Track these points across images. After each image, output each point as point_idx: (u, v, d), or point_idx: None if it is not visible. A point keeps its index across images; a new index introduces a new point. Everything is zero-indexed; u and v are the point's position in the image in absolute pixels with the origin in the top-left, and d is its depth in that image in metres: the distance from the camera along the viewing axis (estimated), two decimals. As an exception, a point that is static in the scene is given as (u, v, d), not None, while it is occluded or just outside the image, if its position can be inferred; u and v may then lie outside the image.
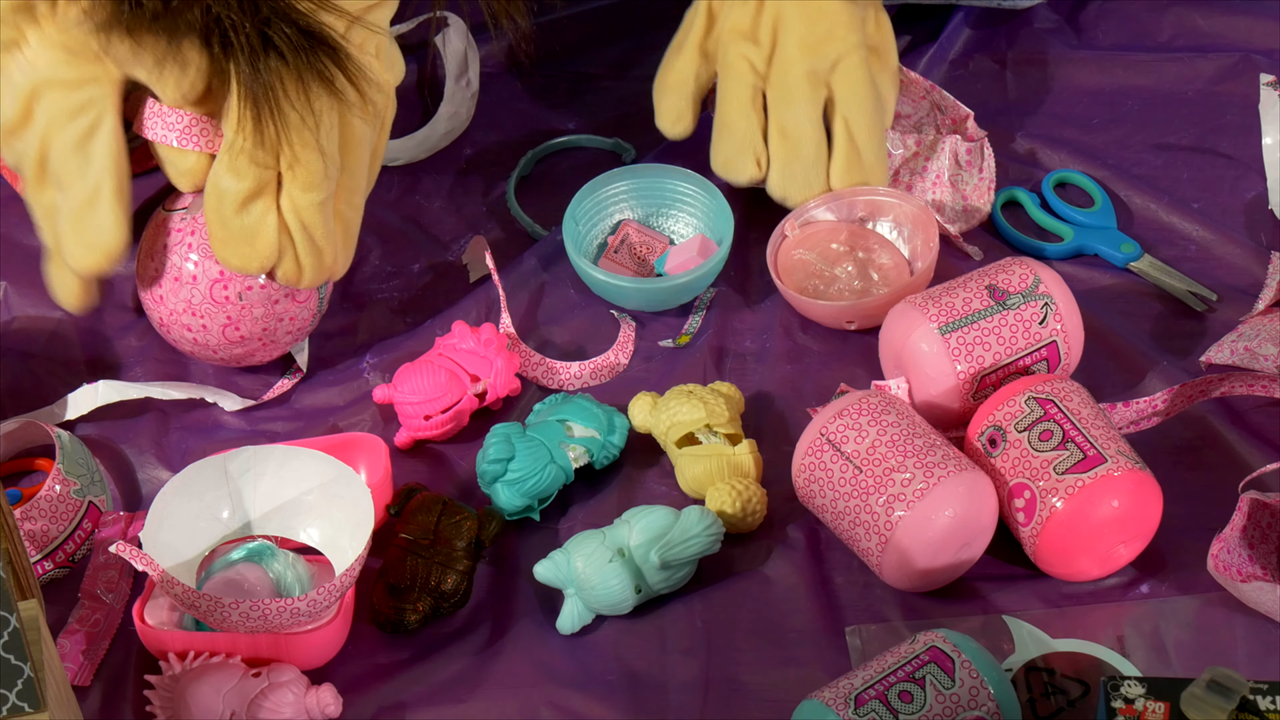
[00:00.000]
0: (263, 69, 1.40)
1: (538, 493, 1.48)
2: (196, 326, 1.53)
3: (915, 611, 1.42)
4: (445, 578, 1.42)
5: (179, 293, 1.52)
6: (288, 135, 1.43)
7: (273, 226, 1.47)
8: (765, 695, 1.38)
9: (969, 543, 1.40)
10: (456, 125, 1.79)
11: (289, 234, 1.48)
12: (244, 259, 1.48)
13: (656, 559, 1.40)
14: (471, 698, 1.39)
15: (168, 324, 1.55)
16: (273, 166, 1.45)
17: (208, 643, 1.38)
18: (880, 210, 1.65)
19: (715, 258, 1.61)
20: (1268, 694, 1.24)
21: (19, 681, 1.14)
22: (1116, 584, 1.42)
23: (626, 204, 1.68)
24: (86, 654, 1.42)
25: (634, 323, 1.63)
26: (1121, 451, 1.40)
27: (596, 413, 1.51)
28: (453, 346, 1.56)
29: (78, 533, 1.48)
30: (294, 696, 1.36)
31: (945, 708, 1.27)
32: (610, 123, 1.81)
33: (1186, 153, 1.73)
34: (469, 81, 1.79)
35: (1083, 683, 1.36)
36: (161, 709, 1.37)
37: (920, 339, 1.48)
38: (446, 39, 1.79)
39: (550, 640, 1.42)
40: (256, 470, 1.43)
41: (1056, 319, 1.49)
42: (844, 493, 1.41)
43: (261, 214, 1.47)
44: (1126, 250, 1.64)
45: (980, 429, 1.44)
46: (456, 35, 1.78)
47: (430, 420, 1.53)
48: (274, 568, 1.42)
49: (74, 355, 1.63)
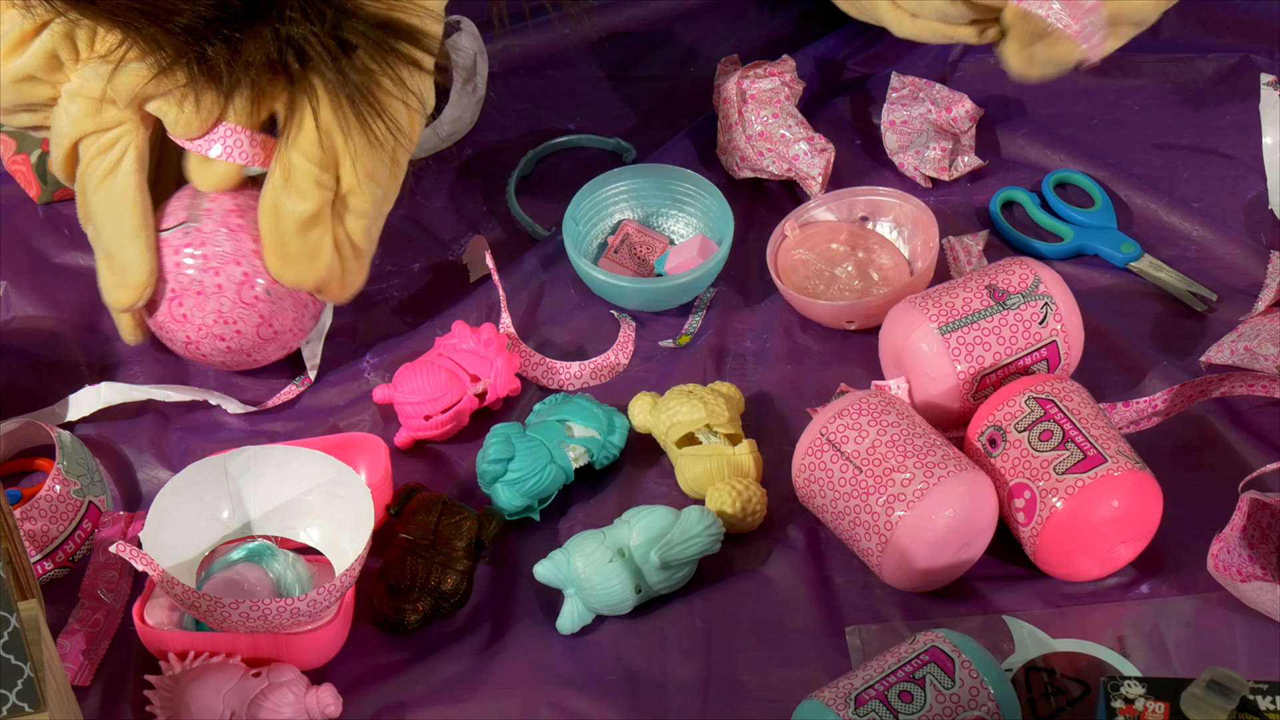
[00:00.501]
0: (349, 69, 1.42)
1: (538, 493, 1.48)
2: (230, 334, 1.53)
3: (915, 611, 1.42)
4: (445, 578, 1.42)
5: (205, 305, 1.52)
6: (384, 135, 1.46)
7: (329, 246, 1.50)
8: (765, 695, 1.38)
9: (969, 543, 1.40)
10: (459, 129, 1.79)
11: (339, 252, 1.51)
12: (301, 276, 1.51)
13: (656, 559, 1.40)
14: (471, 698, 1.39)
15: (197, 340, 1.54)
16: (332, 188, 1.48)
17: (208, 643, 1.38)
18: (880, 210, 1.65)
19: (715, 258, 1.61)
20: (1268, 694, 1.24)
21: (19, 681, 1.14)
22: (1116, 584, 1.42)
23: (626, 204, 1.68)
24: (86, 654, 1.42)
25: (634, 323, 1.63)
26: (1121, 451, 1.40)
27: (596, 413, 1.51)
28: (453, 346, 1.56)
29: (78, 533, 1.48)
30: (294, 696, 1.36)
31: (945, 708, 1.27)
32: (611, 123, 1.81)
33: (1186, 153, 1.73)
34: (475, 86, 1.79)
35: (1083, 683, 1.36)
36: (161, 709, 1.37)
37: (920, 339, 1.48)
38: (457, 42, 1.79)
39: (550, 640, 1.42)
40: (256, 470, 1.43)
41: (1056, 319, 1.49)
42: (844, 493, 1.41)
43: (321, 234, 1.49)
44: (1126, 250, 1.64)
45: (980, 429, 1.44)
46: (468, 38, 1.78)
47: (430, 420, 1.53)
48: (274, 568, 1.42)
49: (74, 355, 1.63)
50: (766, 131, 1.69)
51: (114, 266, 1.52)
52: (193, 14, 1.38)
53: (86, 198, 1.52)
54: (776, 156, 1.68)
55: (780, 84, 1.70)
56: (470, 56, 1.78)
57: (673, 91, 1.83)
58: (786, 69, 1.72)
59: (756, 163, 1.69)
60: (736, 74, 1.72)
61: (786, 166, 1.68)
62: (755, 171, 1.70)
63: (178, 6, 1.38)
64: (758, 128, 1.69)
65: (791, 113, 1.69)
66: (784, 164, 1.68)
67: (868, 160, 1.74)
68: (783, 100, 1.70)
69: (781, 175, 1.69)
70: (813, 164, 1.67)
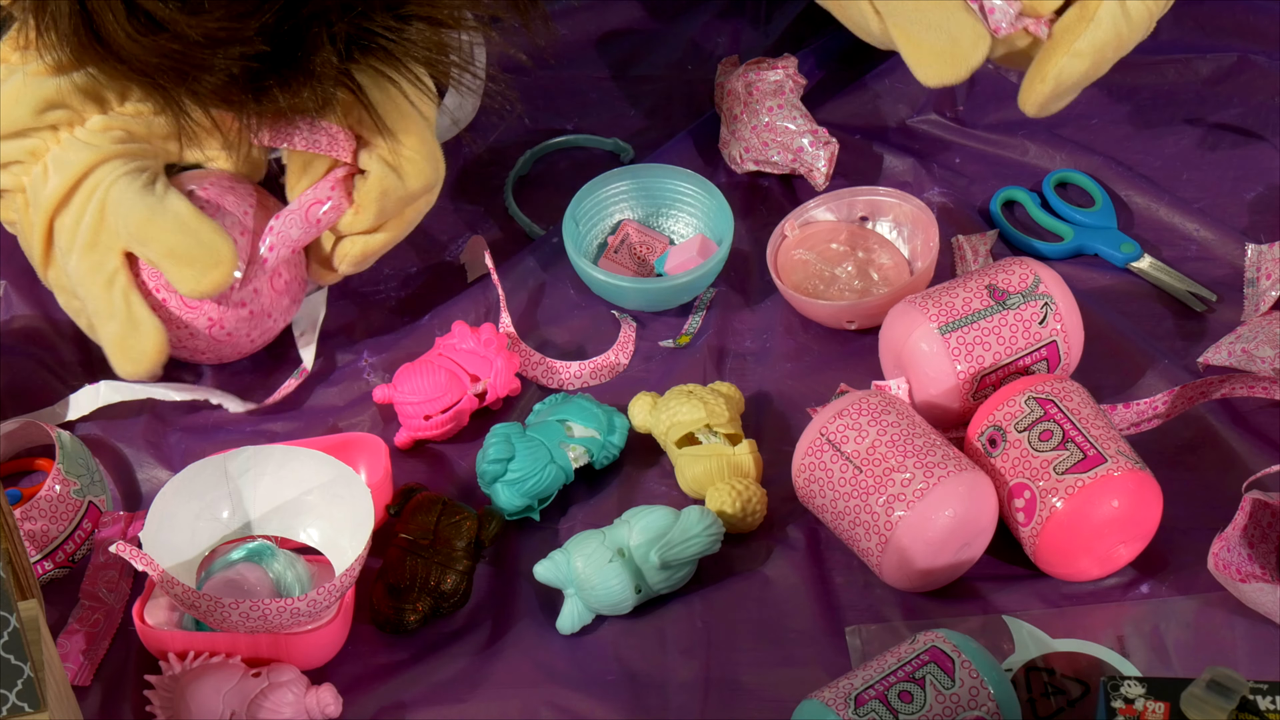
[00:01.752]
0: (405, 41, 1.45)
1: (538, 493, 1.48)
2: (265, 325, 1.56)
3: (915, 611, 1.42)
4: (445, 578, 1.42)
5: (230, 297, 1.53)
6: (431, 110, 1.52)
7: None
8: (765, 695, 1.38)
9: (969, 543, 1.40)
10: (463, 116, 1.78)
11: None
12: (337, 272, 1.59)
13: (656, 559, 1.40)
14: (471, 698, 1.39)
15: (236, 335, 1.55)
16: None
17: (208, 643, 1.38)
18: (880, 210, 1.65)
19: (715, 258, 1.61)
20: (1268, 694, 1.24)
21: (19, 681, 1.14)
22: (1116, 584, 1.42)
23: (626, 204, 1.68)
24: (86, 654, 1.42)
25: (634, 323, 1.63)
26: (1121, 451, 1.40)
27: (596, 413, 1.51)
28: (453, 346, 1.56)
29: (78, 533, 1.48)
30: (294, 696, 1.36)
31: (945, 708, 1.27)
32: (610, 123, 1.80)
33: (1186, 152, 1.73)
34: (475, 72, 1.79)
35: (1083, 683, 1.36)
36: (161, 709, 1.37)
37: (920, 339, 1.48)
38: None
39: (550, 640, 1.42)
40: (256, 470, 1.43)
41: (1056, 319, 1.49)
42: (844, 493, 1.41)
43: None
44: (1127, 250, 1.64)
45: (980, 429, 1.44)
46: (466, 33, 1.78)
47: (430, 420, 1.53)
48: (274, 568, 1.42)
49: (74, 355, 1.63)
50: (772, 123, 1.69)
51: (183, 259, 1.49)
52: (224, 70, 1.40)
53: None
54: (781, 147, 1.68)
55: (785, 76, 1.71)
56: (466, 43, 1.78)
57: (672, 91, 1.83)
58: (789, 64, 1.72)
59: (761, 154, 1.69)
60: (740, 69, 1.72)
61: (791, 157, 1.68)
62: (759, 164, 1.70)
63: (207, 62, 1.39)
64: (764, 119, 1.69)
65: (796, 105, 1.70)
66: (789, 155, 1.68)
67: (868, 159, 1.74)
68: (788, 93, 1.70)
69: (786, 167, 1.69)
70: (818, 155, 1.67)
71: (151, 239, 1.48)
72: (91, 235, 1.49)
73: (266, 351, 1.62)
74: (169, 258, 1.48)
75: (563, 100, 1.82)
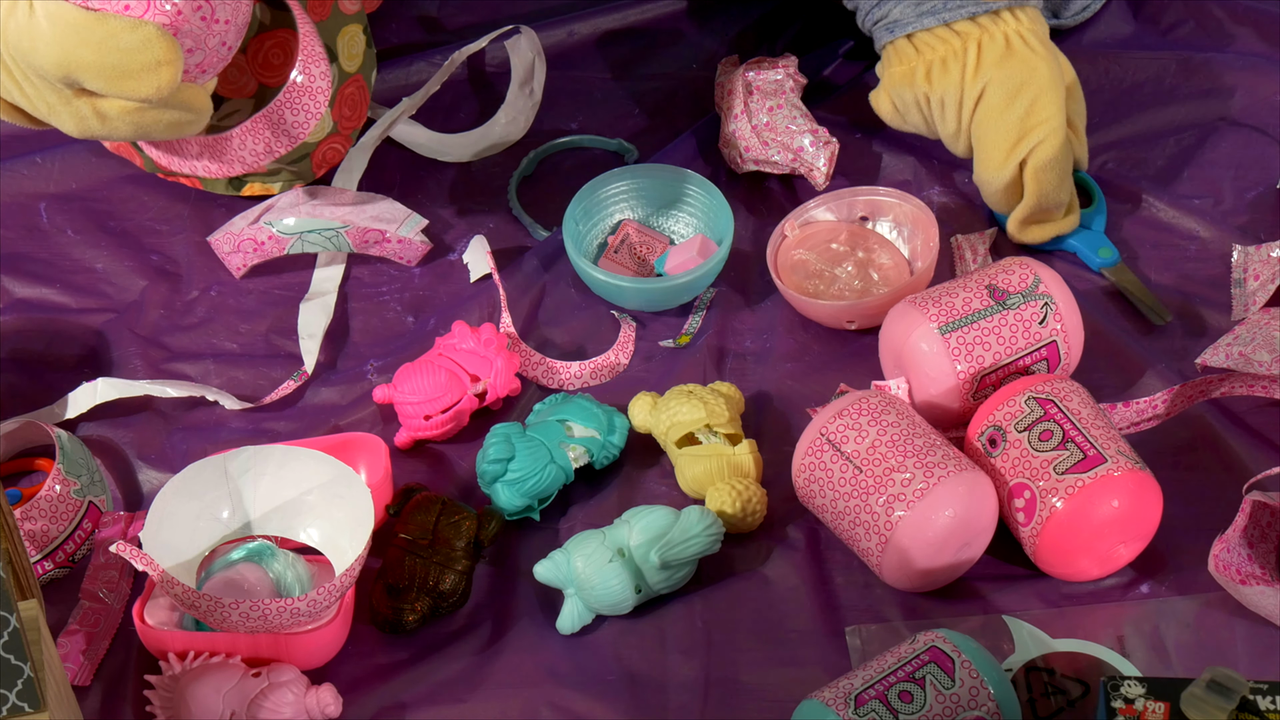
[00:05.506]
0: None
1: (538, 493, 1.48)
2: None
3: (915, 611, 1.42)
4: (444, 578, 1.42)
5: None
6: None
7: None
8: (765, 695, 1.38)
9: (969, 543, 1.40)
10: (513, 131, 1.79)
11: None
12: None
13: (656, 559, 1.40)
14: (471, 698, 1.39)
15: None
16: None
17: (208, 643, 1.38)
18: (880, 210, 1.65)
19: (715, 258, 1.61)
20: (1268, 694, 1.24)
21: (19, 681, 1.14)
22: (1116, 584, 1.42)
23: (627, 204, 1.68)
24: (86, 654, 1.42)
25: (634, 323, 1.63)
26: (1121, 451, 1.40)
27: (596, 413, 1.51)
28: (453, 346, 1.56)
29: (78, 533, 1.48)
30: (294, 696, 1.36)
31: (945, 708, 1.27)
32: (613, 123, 1.80)
33: (1186, 152, 1.73)
34: (532, 90, 1.79)
35: (1083, 683, 1.36)
36: (161, 709, 1.37)
37: (920, 339, 1.48)
38: (517, 46, 1.79)
39: (550, 640, 1.42)
40: (256, 470, 1.43)
41: (1056, 319, 1.49)
42: (844, 493, 1.41)
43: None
44: (1104, 255, 1.63)
45: (980, 429, 1.44)
46: (527, 44, 1.78)
47: (430, 420, 1.53)
48: (274, 568, 1.42)
49: (74, 355, 1.63)
50: (772, 122, 1.69)
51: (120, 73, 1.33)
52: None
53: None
54: (781, 147, 1.68)
55: (785, 75, 1.71)
56: (528, 60, 1.79)
57: (674, 92, 1.83)
58: (790, 64, 1.72)
59: (761, 153, 1.69)
60: (740, 68, 1.72)
61: (791, 157, 1.68)
62: (759, 164, 1.70)
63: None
64: (763, 118, 1.69)
65: (797, 105, 1.70)
66: (789, 154, 1.68)
67: (868, 159, 1.74)
68: (788, 92, 1.70)
69: (786, 166, 1.69)
70: (818, 155, 1.67)
71: (77, 66, 1.33)
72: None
73: (267, 352, 1.62)
74: (101, 77, 1.34)
75: (566, 100, 1.82)
